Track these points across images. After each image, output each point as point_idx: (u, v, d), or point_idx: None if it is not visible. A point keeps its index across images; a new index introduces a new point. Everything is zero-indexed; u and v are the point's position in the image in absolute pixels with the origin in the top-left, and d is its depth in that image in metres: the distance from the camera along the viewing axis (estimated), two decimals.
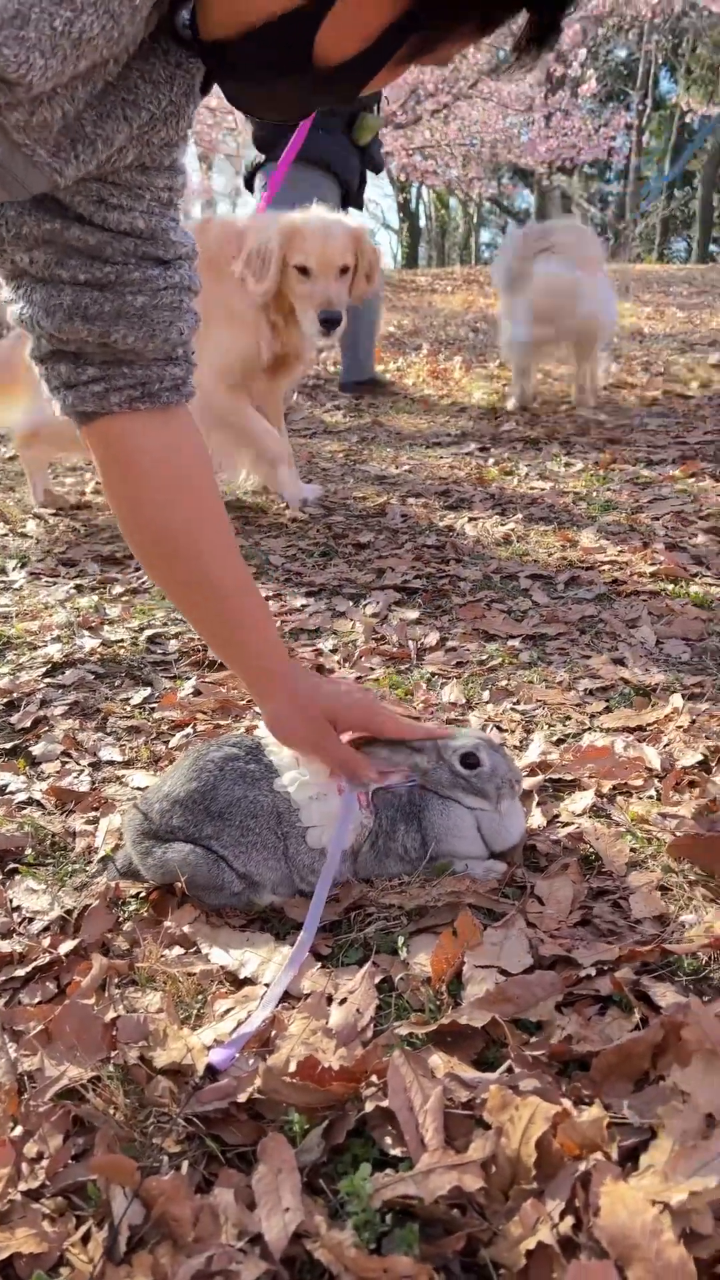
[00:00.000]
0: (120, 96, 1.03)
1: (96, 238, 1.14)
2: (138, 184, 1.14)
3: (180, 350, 1.26)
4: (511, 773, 1.41)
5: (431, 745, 1.42)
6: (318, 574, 2.80)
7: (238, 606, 1.37)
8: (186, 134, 1.15)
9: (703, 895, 1.29)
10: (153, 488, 1.29)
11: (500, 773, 1.39)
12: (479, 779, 1.38)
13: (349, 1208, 0.85)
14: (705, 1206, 0.80)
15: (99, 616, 2.53)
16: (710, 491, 3.34)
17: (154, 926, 1.31)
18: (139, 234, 1.16)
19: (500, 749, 1.43)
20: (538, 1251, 0.80)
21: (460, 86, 14.28)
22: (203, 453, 1.34)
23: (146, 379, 1.24)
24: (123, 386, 1.23)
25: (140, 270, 1.18)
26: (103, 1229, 0.87)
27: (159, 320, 1.21)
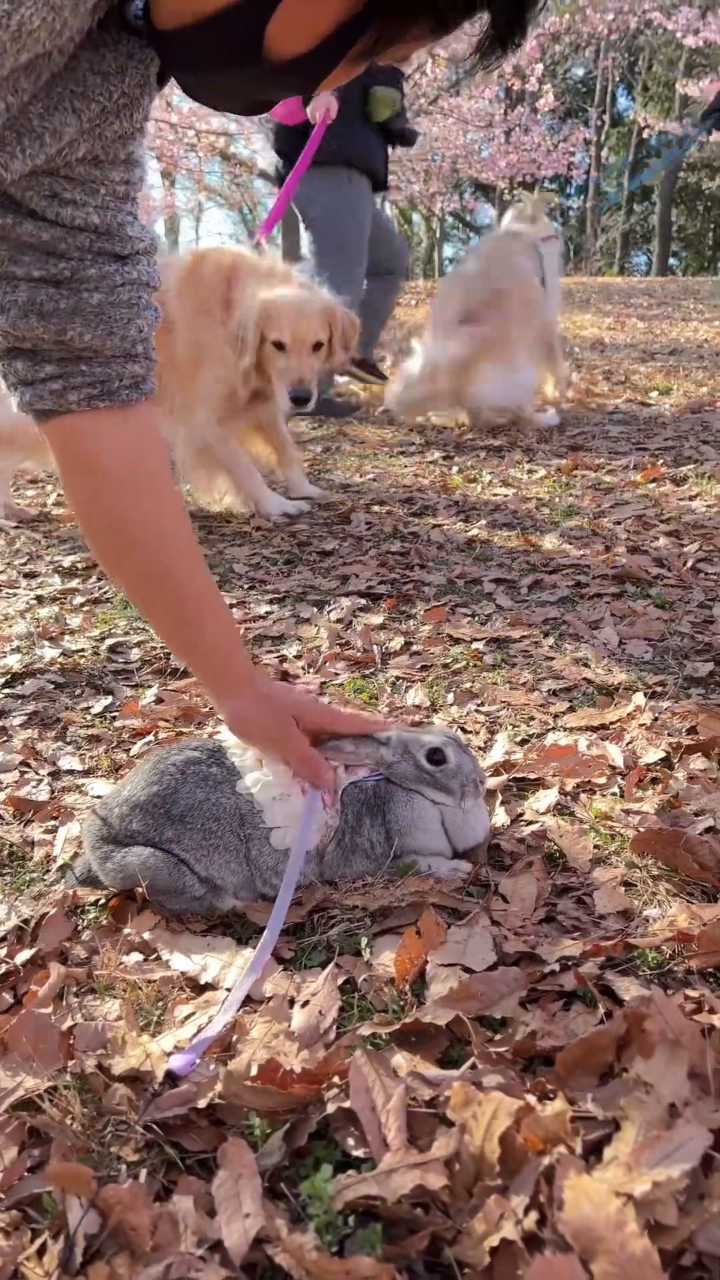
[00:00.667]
0: (68, 89, 1.02)
1: (50, 233, 1.12)
2: (91, 178, 1.12)
3: (140, 347, 1.24)
4: (476, 772, 1.40)
5: (398, 740, 1.41)
6: (282, 581, 2.79)
7: (198, 605, 1.35)
8: (143, 126, 1.13)
9: (666, 890, 1.29)
10: (112, 485, 1.27)
11: (465, 770, 1.39)
12: (444, 775, 1.37)
13: (310, 1210, 0.84)
14: (669, 1197, 0.79)
15: (60, 627, 2.50)
16: (671, 496, 3.37)
17: (113, 934, 1.28)
18: (94, 229, 1.14)
19: (466, 748, 1.42)
20: (502, 1248, 0.78)
21: (420, 103, 14.40)
22: (162, 450, 1.32)
23: (105, 377, 1.22)
24: (81, 385, 1.21)
25: (96, 266, 1.16)
26: (59, 1241, 0.85)
27: (116, 317, 1.19)
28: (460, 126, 15.92)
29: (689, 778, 1.56)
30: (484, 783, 1.43)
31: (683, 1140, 0.82)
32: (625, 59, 28.62)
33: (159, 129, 12.49)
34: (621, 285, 15.03)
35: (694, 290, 13.16)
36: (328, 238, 5.01)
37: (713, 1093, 0.91)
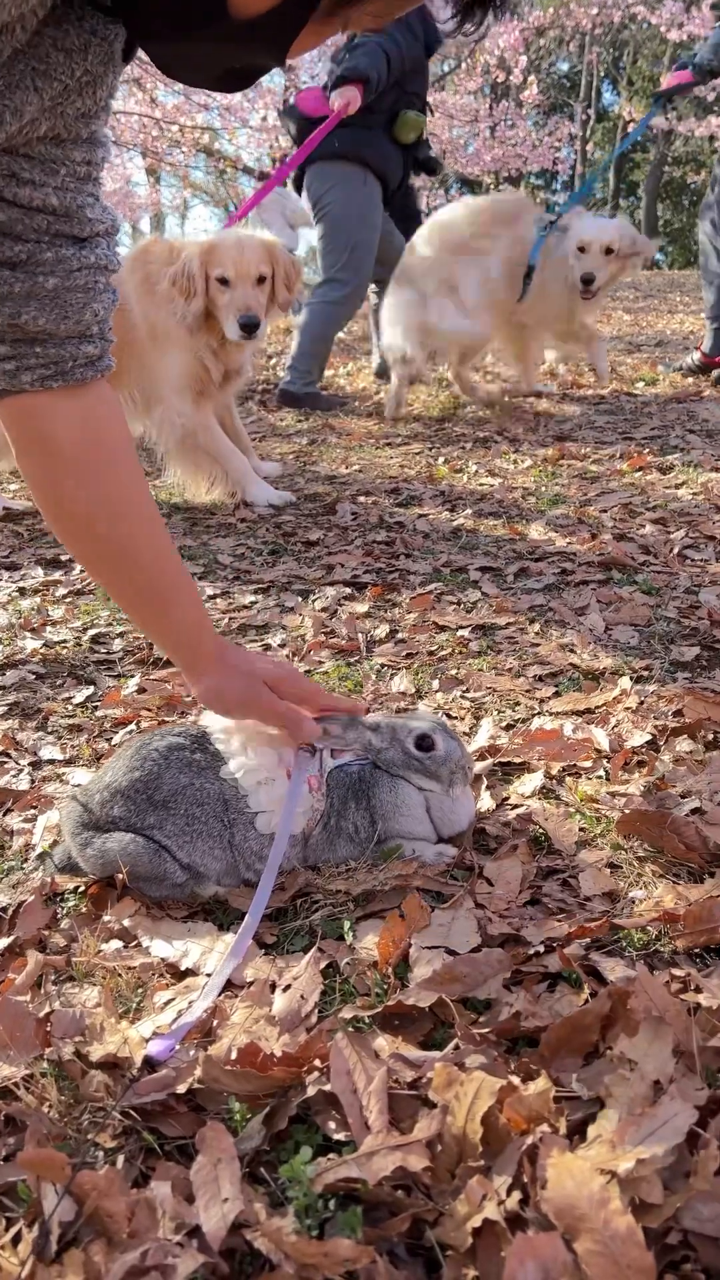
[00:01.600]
0: (30, 65, 0.99)
1: (6, 214, 1.09)
2: (52, 158, 1.09)
3: (95, 328, 1.21)
4: (465, 759, 1.39)
5: (386, 726, 1.39)
6: (266, 571, 2.77)
7: (162, 583, 1.32)
8: (107, 104, 1.11)
9: (652, 871, 1.28)
10: (69, 463, 1.24)
11: (454, 757, 1.37)
12: (432, 762, 1.36)
13: (290, 1193, 0.82)
14: (653, 1175, 0.78)
15: (42, 618, 2.48)
16: (657, 484, 3.36)
17: (92, 921, 1.27)
18: (52, 211, 1.11)
19: (454, 734, 1.41)
20: (484, 1229, 0.77)
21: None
22: (121, 425, 1.29)
23: (59, 358, 1.19)
24: (34, 365, 1.18)
25: (54, 250, 1.13)
26: (33, 1228, 0.83)
27: (72, 302, 1.16)
28: (446, 121, 15.88)
29: (675, 760, 1.55)
30: (472, 769, 1.42)
31: (667, 1117, 0.81)
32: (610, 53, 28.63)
33: (143, 125, 12.42)
34: None
35: (679, 284, 13.17)
36: (339, 231, 5.06)
37: (697, 1070, 0.90)
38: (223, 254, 3.16)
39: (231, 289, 3.17)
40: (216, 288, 3.19)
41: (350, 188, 4.98)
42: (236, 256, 3.16)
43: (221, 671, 1.34)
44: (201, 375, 3.36)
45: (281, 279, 3.29)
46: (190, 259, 3.15)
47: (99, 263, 1.18)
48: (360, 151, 4.83)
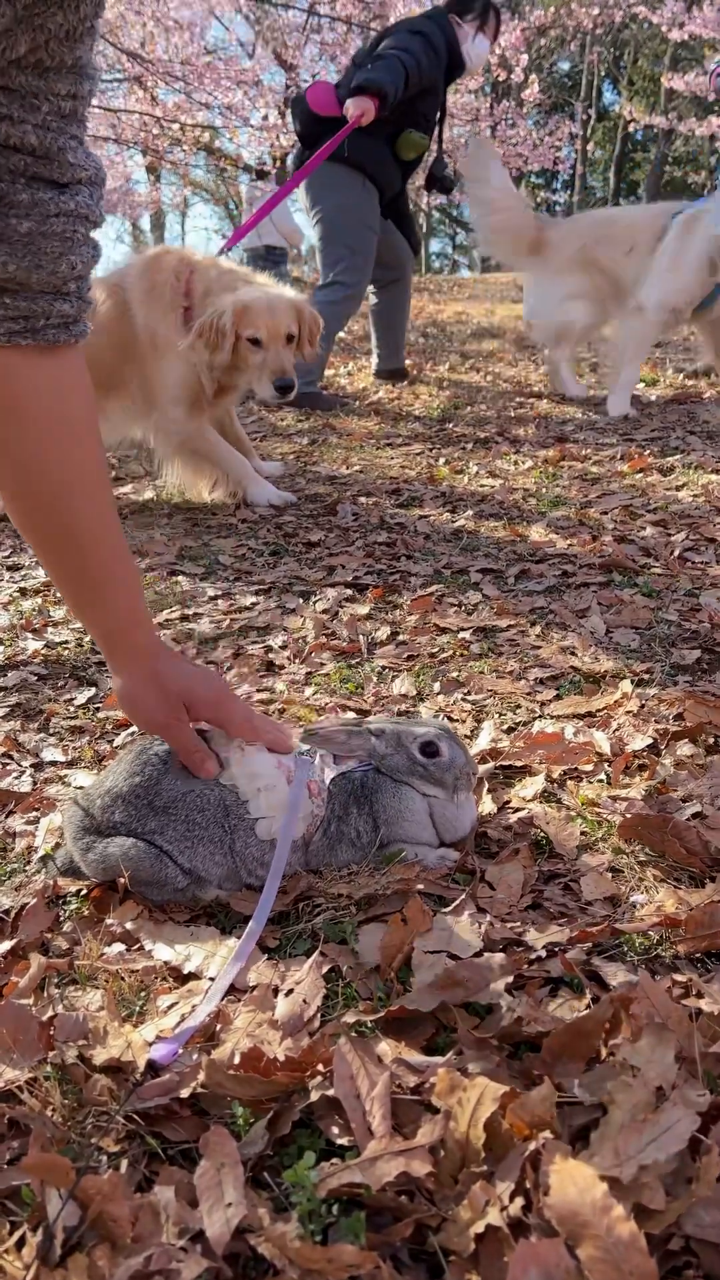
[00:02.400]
0: None
1: None
2: (33, 90, 1.02)
3: (72, 285, 1.14)
4: (469, 765, 1.39)
5: (391, 732, 1.40)
6: (267, 572, 2.77)
7: (105, 567, 1.26)
8: (93, 26, 1.02)
9: (653, 875, 1.28)
10: (28, 427, 1.16)
11: (459, 764, 1.38)
12: (437, 768, 1.36)
13: (293, 1199, 0.83)
14: (656, 1181, 0.78)
15: (43, 619, 2.48)
16: (658, 485, 3.37)
17: (95, 924, 1.27)
18: (30, 150, 1.04)
19: (458, 740, 1.41)
20: (487, 1235, 0.77)
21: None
22: (89, 398, 1.21)
23: (30, 313, 1.12)
24: (2, 318, 1.11)
25: (29, 192, 1.06)
26: (37, 1233, 0.83)
27: (46, 250, 1.09)
28: (447, 120, 15.88)
29: (676, 764, 1.55)
30: (475, 775, 1.42)
31: (669, 1124, 0.81)
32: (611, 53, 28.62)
33: (144, 123, 12.42)
34: None
35: None
36: (339, 234, 5.14)
37: (699, 1076, 0.90)
38: (255, 315, 3.22)
39: (264, 350, 3.26)
40: (247, 346, 3.26)
41: (349, 192, 5.04)
42: (269, 319, 3.23)
43: (143, 677, 1.29)
44: (197, 387, 3.41)
45: (306, 335, 3.38)
46: (222, 315, 3.19)
47: (79, 211, 1.11)
48: (361, 159, 4.90)
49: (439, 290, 14.43)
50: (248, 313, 3.22)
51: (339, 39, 13.71)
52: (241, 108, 12.51)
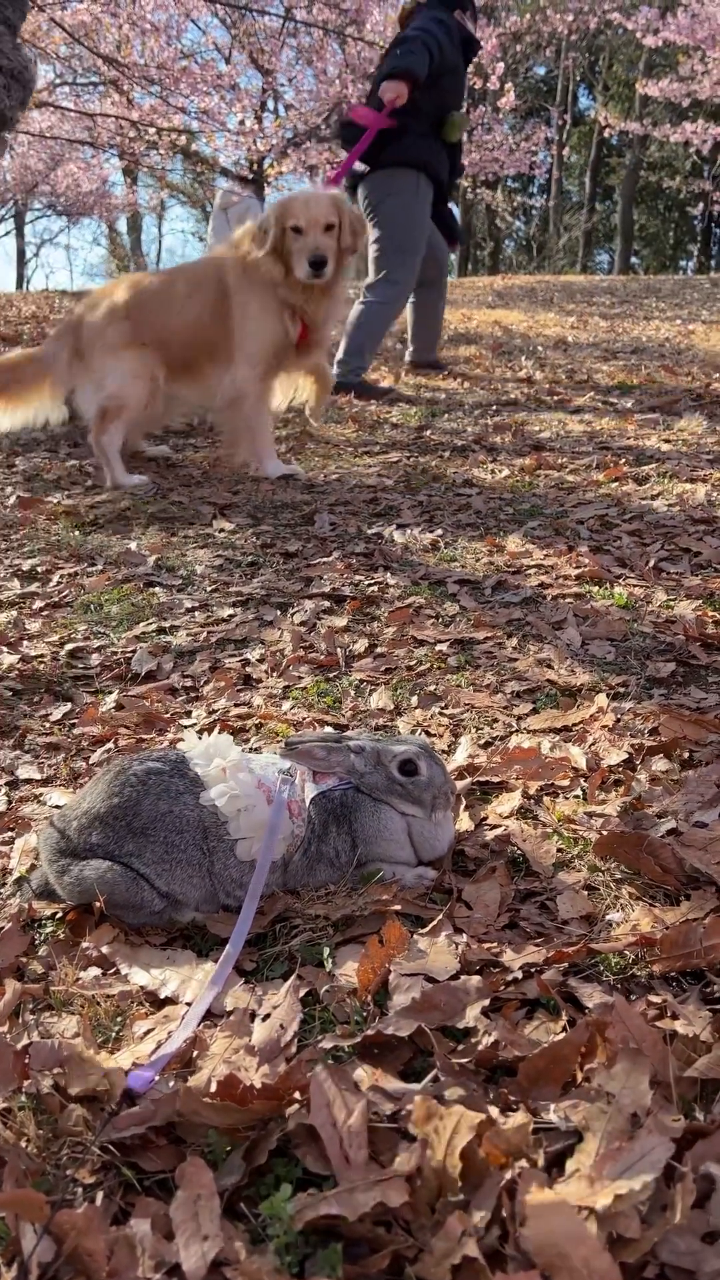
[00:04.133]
0: None
1: None
2: None
3: None
4: (448, 784, 1.40)
5: (370, 749, 1.40)
6: (245, 584, 2.77)
7: None
8: None
9: (629, 893, 1.29)
10: None
11: (437, 782, 1.38)
12: (416, 787, 1.36)
13: (270, 1231, 0.82)
14: (631, 1210, 0.78)
15: (18, 632, 2.46)
16: (633, 496, 3.38)
17: (71, 948, 1.26)
18: None
19: (437, 758, 1.41)
20: (464, 1266, 0.78)
21: None
22: None
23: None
24: None
25: None
26: (12, 1268, 0.82)
27: None
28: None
29: (651, 779, 1.56)
30: (454, 794, 1.43)
31: (645, 1151, 0.82)
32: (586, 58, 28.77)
33: (120, 126, 12.36)
34: (584, 284, 15.11)
35: (655, 289, 13.24)
36: (396, 235, 5.36)
37: (674, 1100, 0.91)
38: (296, 207, 3.63)
39: (303, 236, 3.61)
40: (290, 236, 3.62)
41: (408, 194, 5.30)
42: (307, 208, 3.62)
43: None
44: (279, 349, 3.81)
45: (347, 228, 3.72)
46: (267, 215, 3.69)
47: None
48: (420, 156, 5.16)
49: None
50: (290, 206, 3.65)
51: (315, 44, 13.72)
52: (218, 111, 12.48)
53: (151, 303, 3.89)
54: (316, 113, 14.10)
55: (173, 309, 3.86)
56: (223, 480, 4.01)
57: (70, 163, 18.86)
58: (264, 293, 3.75)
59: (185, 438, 4.99)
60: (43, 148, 17.20)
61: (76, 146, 16.52)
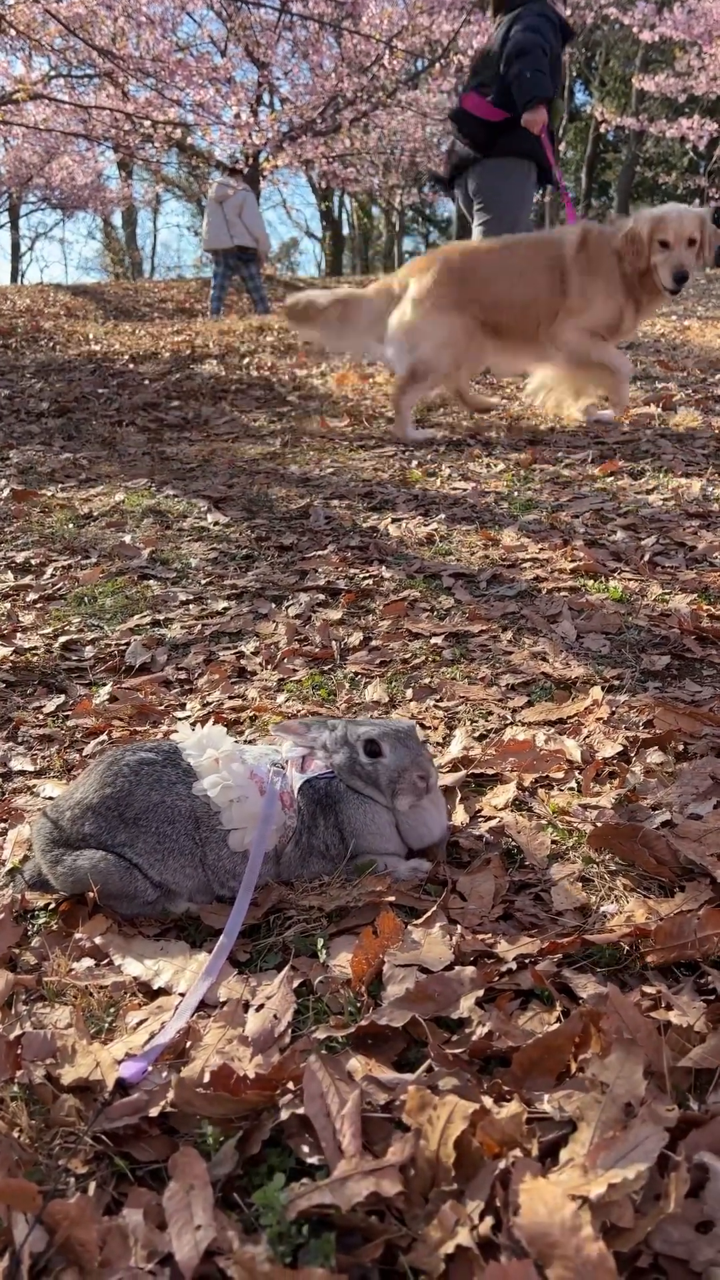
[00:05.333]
0: None
1: None
2: None
3: None
4: (414, 769, 1.34)
5: (343, 727, 1.39)
6: (240, 577, 2.76)
7: None
8: None
9: (623, 884, 1.29)
10: None
11: (397, 767, 1.34)
12: (374, 768, 1.35)
13: (263, 1220, 0.82)
14: (625, 1199, 0.78)
15: (11, 624, 2.45)
16: (629, 490, 3.38)
17: (63, 939, 1.26)
18: None
19: (411, 742, 1.37)
20: (457, 1255, 0.77)
21: (379, 95, 14.34)
22: None
23: None
24: None
25: None
26: (3, 1259, 0.82)
27: None
28: (419, 120, 15.87)
29: (646, 771, 1.56)
30: (429, 780, 1.36)
31: (638, 1140, 0.82)
32: (582, 54, 28.71)
33: (114, 119, 12.31)
34: None
35: None
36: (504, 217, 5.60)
37: (668, 1090, 0.91)
38: (667, 224, 4.02)
39: (669, 251, 4.03)
40: (657, 248, 4.05)
41: (518, 181, 5.63)
42: (678, 225, 4.01)
43: None
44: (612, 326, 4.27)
45: (707, 241, 4.08)
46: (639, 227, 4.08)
47: None
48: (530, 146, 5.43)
49: None
50: (661, 223, 4.04)
51: (311, 37, 13.68)
52: (214, 105, 12.43)
53: (484, 271, 4.25)
54: (312, 106, 14.06)
55: (506, 280, 4.24)
56: (218, 473, 4.01)
57: (65, 155, 18.78)
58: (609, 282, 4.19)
59: (180, 431, 4.98)
60: (37, 140, 17.11)
61: (71, 139, 16.44)
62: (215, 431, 4.94)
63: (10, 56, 11.76)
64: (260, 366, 6.61)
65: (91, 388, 6.03)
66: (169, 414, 5.33)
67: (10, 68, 11.82)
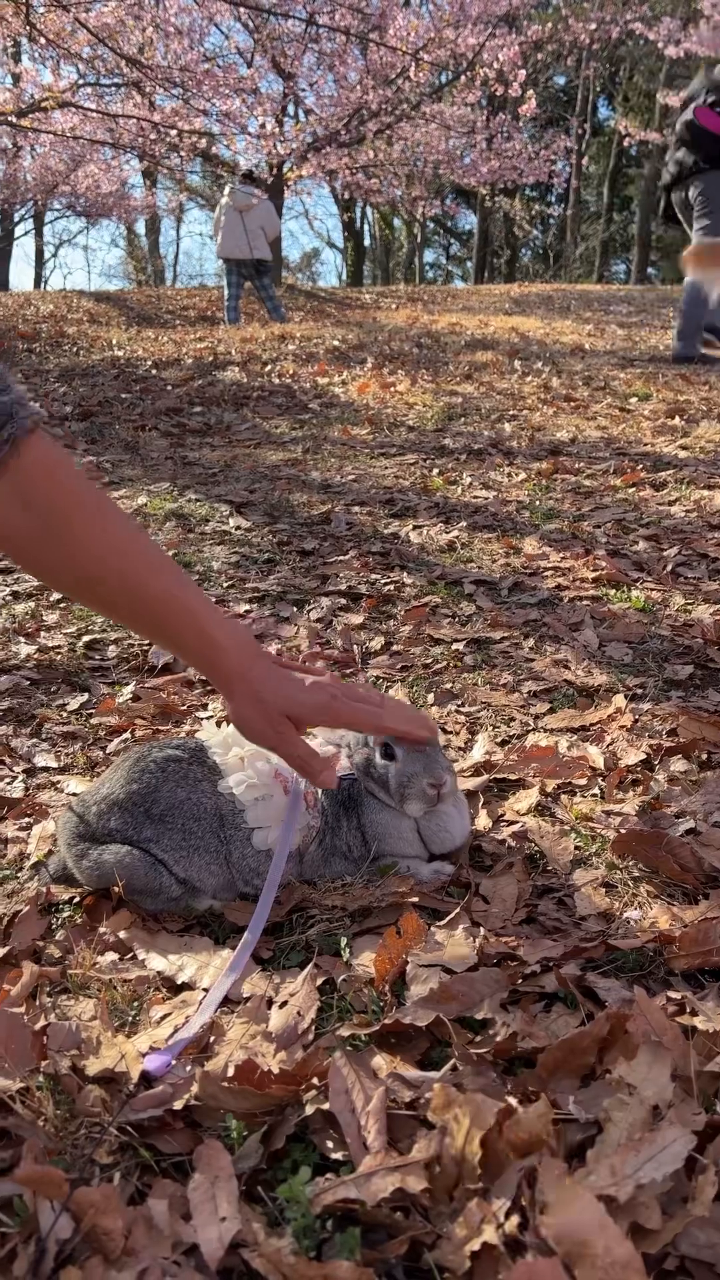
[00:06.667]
0: None
1: None
2: None
3: None
4: (428, 777, 1.32)
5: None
6: (261, 580, 2.77)
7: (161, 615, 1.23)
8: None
9: (647, 891, 1.28)
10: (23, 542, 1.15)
11: (407, 772, 1.32)
12: (385, 773, 1.34)
13: (288, 1214, 0.82)
14: (653, 1201, 0.78)
15: (36, 623, 2.47)
16: (651, 500, 3.38)
17: (88, 933, 1.26)
18: None
19: (428, 748, 1.35)
20: (483, 1253, 0.77)
21: (403, 108, 14.41)
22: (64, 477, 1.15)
23: None
24: None
25: None
26: (29, 1245, 0.82)
27: None
28: (443, 132, 15.94)
29: (669, 779, 1.55)
30: (441, 788, 1.33)
31: (666, 1143, 0.81)
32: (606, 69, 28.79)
33: (141, 128, 12.42)
34: (601, 293, 15.12)
35: (673, 299, 13.21)
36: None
37: (695, 1095, 0.90)
38: None
39: None
40: None
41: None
42: None
43: (245, 700, 1.25)
44: None
45: None
46: None
47: None
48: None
49: (433, 301, 14.46)
50: None
51: (337, 49, 13.76)
52: (239, 115, 12.52)
53: None
54: (337, 118, 14.14)
55: None
56: (240, 479, 4.02)
57: (91, 164, 18.95)
58: None
59: (202, 436, 5.01)
60: (64, 148, 17.28)
61: (97, 148, 16.60)
62: (237, 437, 4.97)
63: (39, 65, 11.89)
64: (282, 374, 6.65)
65: (115, 392, 6.07)
66: (191, 419, 5.36)
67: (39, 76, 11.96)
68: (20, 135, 13.67)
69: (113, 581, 1.18)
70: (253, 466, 4.26)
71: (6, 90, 11.86)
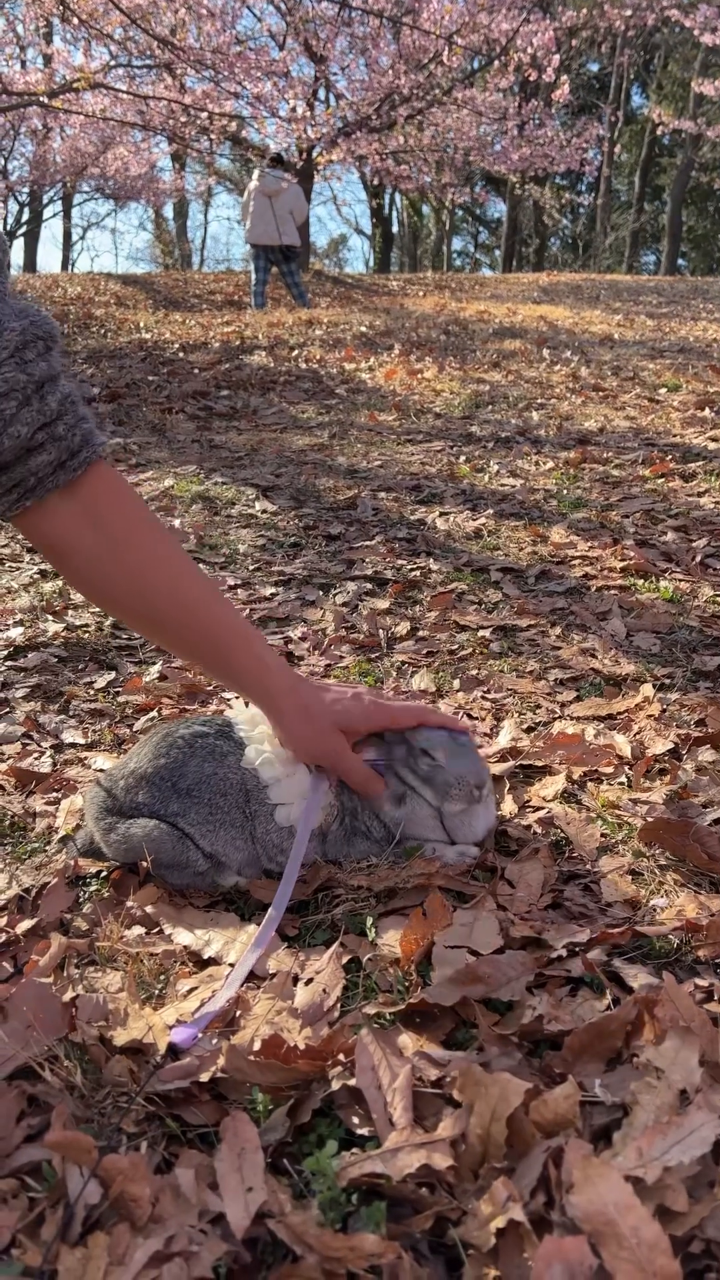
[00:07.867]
0: None
1: None
2: None
3: (40, 436, 1.11)
4: (470, 776, 1.32)
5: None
6: (287, 564, 2.77)
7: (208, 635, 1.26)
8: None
9: (674, 880, 1.28)
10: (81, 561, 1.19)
11: (456, 773, 1.31)
12: (429, 768, 1.33)
13: (314, 1186, 0.83)
14: (679, 1184, 0.78)
15: (63, 601, 2.48)
16: (680, 491, 3.36)
17: (115, 906, 1.27)
18: None
19: (467, 752, 1.35)
20: (508, 1230, 0.77)
21: (435, 93, 14.31)
22: (126, 504, 1.20)
23: (16, 480, 1.12)
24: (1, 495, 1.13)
25: None
26: (57, 1210, 0.83)
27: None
28: (474, 118, 15.82)
29: (697, 769, 1.55)
30: (482, 788, 1.34)
31: (694, 1127, 0.81)
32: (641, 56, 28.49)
33: (171, 110, 12.39)
34: (630, 283, 14.98)
35: (703, 290, 13.10)
36: None
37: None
38: None
39: None
40: None
41: None
42: None
43: (295, 717, 1.28)
44: None
45: None
46: None
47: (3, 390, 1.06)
48: None
49: (460, 289, 14.39)
50: None
51: (370, 33, 13.67)
52: (270, 98, 12.47)
53: None
54: (368, 102, 14.06)
55: None
56: (266, 463, 4.02)
57: (120, 146, 18.94)
58: None
59: (229, 420, 5.01)
60: (94, 130, 17.28)
61: (127, 130, 16.58)
62: (263, 421, 4.97)
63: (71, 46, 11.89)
64: (309, 359, 6.63)
65: (142, 375, 6.08)
66: (218, 403, 5.36)
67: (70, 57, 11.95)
68: (50, 116, 13.66)
69: (164, 593, 1.23)
70: (279, 451, 4.26)
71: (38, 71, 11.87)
